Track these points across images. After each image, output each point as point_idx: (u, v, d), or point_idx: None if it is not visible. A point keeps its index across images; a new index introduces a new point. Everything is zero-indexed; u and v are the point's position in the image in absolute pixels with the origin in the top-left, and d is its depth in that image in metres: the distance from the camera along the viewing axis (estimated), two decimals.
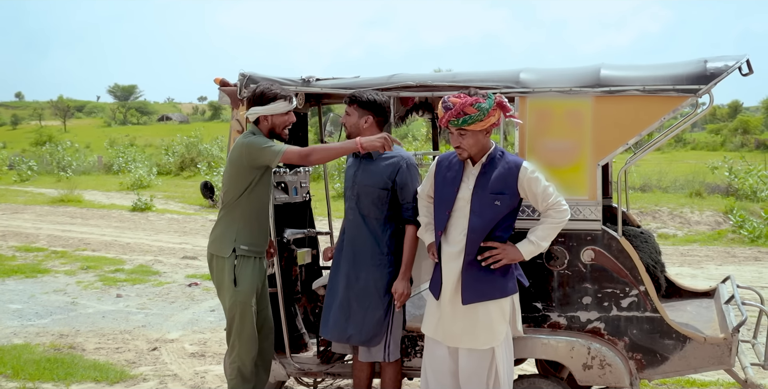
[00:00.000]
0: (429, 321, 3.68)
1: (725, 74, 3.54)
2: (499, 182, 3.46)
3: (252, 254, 4.00)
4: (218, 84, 4.44)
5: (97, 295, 8.47)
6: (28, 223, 15.13)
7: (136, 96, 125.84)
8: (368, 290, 3.88)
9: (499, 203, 3.44)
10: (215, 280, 4.06)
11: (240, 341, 4.00)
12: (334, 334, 3.95)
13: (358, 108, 3.88)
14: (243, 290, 3.95)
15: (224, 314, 4.09)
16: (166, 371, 5.67)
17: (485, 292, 3.48)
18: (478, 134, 3.44)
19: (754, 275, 9.04)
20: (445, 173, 3.61)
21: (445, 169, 3.63)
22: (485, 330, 3.48)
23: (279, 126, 3.95)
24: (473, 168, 3.54)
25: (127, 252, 11.45)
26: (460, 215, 3.52)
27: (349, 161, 4.07)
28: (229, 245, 3.95)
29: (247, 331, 3.99)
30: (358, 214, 3.93)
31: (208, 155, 28.34)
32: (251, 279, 3.98)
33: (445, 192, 3.57)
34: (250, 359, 4.04)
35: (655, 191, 16.98)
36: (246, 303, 3.96)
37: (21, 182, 27.93)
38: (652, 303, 3.67)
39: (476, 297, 3.48)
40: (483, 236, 3.47)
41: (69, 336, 6.68)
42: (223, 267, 3.97)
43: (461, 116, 3.37)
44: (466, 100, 3.37)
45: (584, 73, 3.80)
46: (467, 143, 3.46)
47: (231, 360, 4.04)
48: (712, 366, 3.68)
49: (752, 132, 45.93)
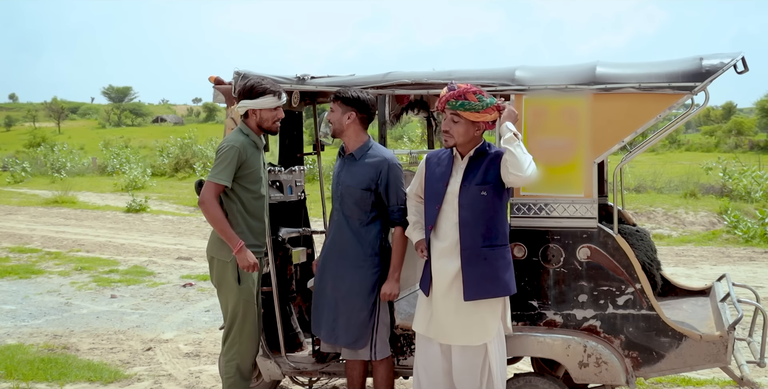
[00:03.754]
0: (420, 318, 3.67)
1: (721, 71, 3.54)
2: (485, 173, 3.48)
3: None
4: (213, 82, 4.43)
5: (92, 296, 8.43)
6: (21, 224, 15.07)
7: (130, 98, 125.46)
8: (353, 292, 3.90)
9: (485, 194, 3.45)
10: (215, 280, 4.05)
11: (241, 339, 3.99)
12: (324, 334, 3.99)
13: (342, 105, 3.89)
14: (247, 288, 3.95)
15: (222, 313, 4.09)
16: (160, 371, 5.65)
17: (489, 289, 3.47)
18: (470, 125, 3.47)
19: (748, 275, 9.05)
20: (434, 169, 3.63)
21: (434, 165, 3.65)
22: (478, 327, 3.48)
23: (267, 121, 3.96)
24: (461, 162, 3.56)
25: (121, 253, 11.40)
26: (449, 210, 3.52)
27: (336, 163, 4.08)
28: (229, 248, 3.94)
29: (249, 329, 3.99)
30: (342, 215, 3.95)
31: (203, 156, 28.30)
32: (253, 277, 4.00)
33: (435, 188, 3.58)
34: (250, 357, 4.03)
35: (650, 192, 17.01)
36: (249, 302, 3.96)
37: (15, 183, 27.80)
38: (648, 300, 3.66)
39: (479, 293, 3.47)
40: (476, 230, 3.47)
41: (63, 337, 6.65)
42: (225, 269, 3.95)
43: (460, 99, 3.40)
44: (471, 87, 3.43)
45: (580, 70, 3.80)
46: (456, 131, 3.48)
47: (229, 358, 4.03)
48: (708, 363, 3.68)
49: (746, 133, 46.11)
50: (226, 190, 3.92)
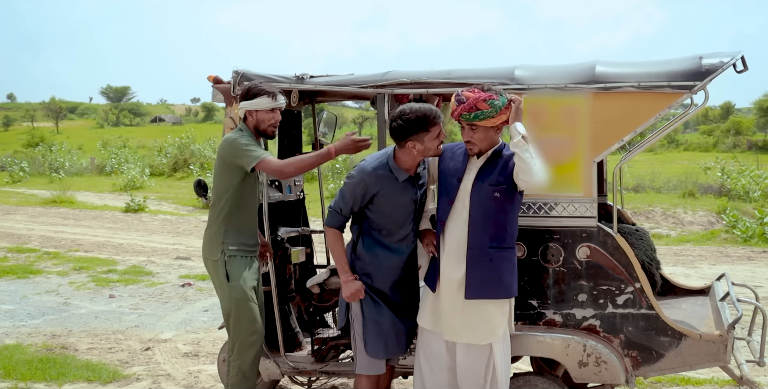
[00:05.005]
0: (426, 313, 3.65)
1: (720, 70, 3.54)
2: (499, 174, 3.45)
3: (241, 253, 3.97)
4: (211, 81, 4.42)
5: (90, 296, 8.42)
6: (20, 224, 15.05)
7: (129, 97, 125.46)
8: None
9: (498, 195, 3.43)
10: (213, 281, 4.05)
11: (238, 338, 3.96)
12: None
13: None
14: (237, 286, 3.92)
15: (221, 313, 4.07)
16: (159, 371, 5.64)
17: (490, 290, 3.45)
18: (489, 129, 3.43)
19: (747, 275, 9.06)
20: (448, 164, 3.59)
21: (448, 159, 3.61)
22: (484, 326, 3.46)
23: (263, 123, 3.94)
24: (477, 161, 3.52)
25: (119, 253, 11.39)
26: (460, 206, 3.50)
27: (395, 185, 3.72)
28: (217, 247, 3.94)
29: (244, 328, 3.95)
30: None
31: (201, 156, 28.28)
32: (244, 275, 3.95)
33: (448, 182, 3.55)
34: (249, 356, 4.00)
35: (649, 192, 17.02)
36: (242, 300, 3.92)
37: (13, 183, 27.78)
38: (648, 300, 3.66)
39: (481, 293, 3.45)
40: (485, 230, 3.45)
41: (61, 337, 6.64)
42: (216, 268, 3.96)
43: (473, 111, 3.35)
44: (479, 95, 3.35)
45: (579, 69, 3.79)
46: (478, 138, 3.44)
47: (231, 359, 4.01)
48: (708, 363, 3.67)
49: (744, 133, 46.20)
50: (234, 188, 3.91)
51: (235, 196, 3.94)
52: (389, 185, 3.55)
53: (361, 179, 3.55)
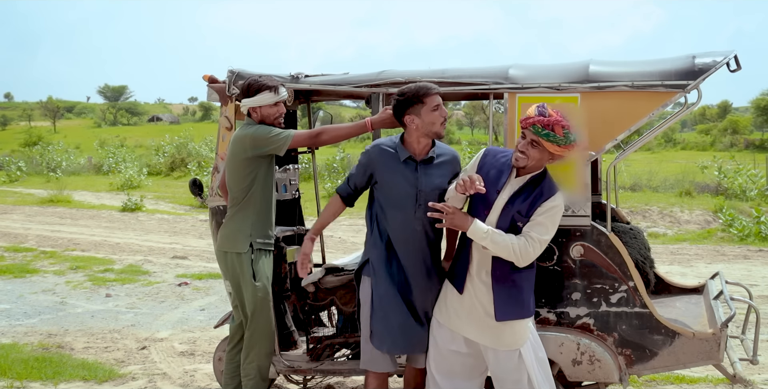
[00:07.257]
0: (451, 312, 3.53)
1: (713, 70, 3.55)
2: (529, 205, 3.35)
3: (267, 247, 4.01)
4: (207, 81, 4.43)
5: (87, 295, 8.43)
6: (17, 223, 15.04)
7: (126, 97, 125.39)
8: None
9: (520, 225, 3.35)
10: (230, 277, 4.02)
11: (259, 338, 3.96)
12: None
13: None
14: (262, 287, 3.94)
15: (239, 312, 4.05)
16: (155, 370, 5.64)
17: (516, 311, 3.40)
18: (545, 152, 3.33)
19: (743, 274, 9.08)
20: (489, 169, 3.47)
21: (489, 165, 3.49)
22: (508, 333, 3.41)
23: (269, 117, 3.96)
24: (516, 180, 3.41)
25: (116, 252, 11.39)
26: (493, 218, 3.40)
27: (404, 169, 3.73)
28: (245, 240, 3.94)
29: (264, 328, 3.96)
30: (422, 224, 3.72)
31: (198, 156, 28.28)
32: (268, 274, 4.00)
33: (487, 191, 3.37)
34: (267, 357, 4.02)
35: (645, 191, 17.05)
36: (265, 299, 3.94)
37: (10, 182, 27.76)
38: (641, 298, 3.67)
39: (510, 315, 3.39)
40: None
41: (57, 336, 6.64)
42: (241, 263, 3.94)
43: (547, 129, 3.26)
44: (562, 120, 3.26)
45: (573, 69, 3.80)
46: (532, 154, 3.33)
47: (249, 359, 4.01)
48: (701, 361, 3.68)
49: (741, 132, 46.24)
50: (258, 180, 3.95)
51: (261, 188, 3.96)
52: (391, 162, 3.63)
53: (367, 151, 3.72)
